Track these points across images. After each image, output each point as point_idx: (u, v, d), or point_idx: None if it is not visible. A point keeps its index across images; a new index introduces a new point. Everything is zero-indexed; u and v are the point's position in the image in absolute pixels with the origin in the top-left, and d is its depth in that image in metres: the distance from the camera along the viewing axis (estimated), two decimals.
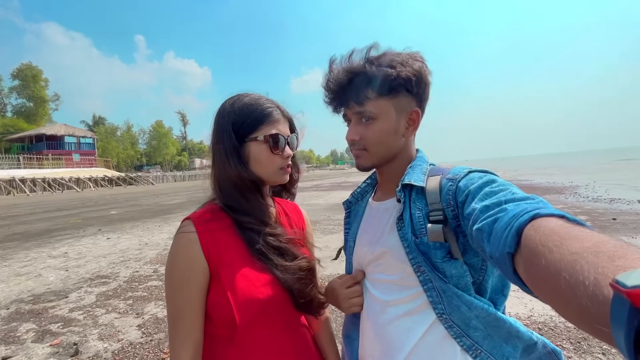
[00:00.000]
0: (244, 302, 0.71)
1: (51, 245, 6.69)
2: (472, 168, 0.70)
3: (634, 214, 7.06)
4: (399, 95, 0.73)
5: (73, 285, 4.28)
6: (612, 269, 0.29)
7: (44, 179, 28.27)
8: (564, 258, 0.35)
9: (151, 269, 4.85)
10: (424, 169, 0.76)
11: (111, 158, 48.31)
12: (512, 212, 0.47)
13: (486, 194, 0.57)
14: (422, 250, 0.69)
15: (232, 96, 0.84)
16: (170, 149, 62.64)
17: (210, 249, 0.74)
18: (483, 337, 0.67)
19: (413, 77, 0.72)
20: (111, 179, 35.42)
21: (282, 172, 0.83)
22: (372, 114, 0.74)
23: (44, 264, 5.32)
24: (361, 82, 0.73)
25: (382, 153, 0.77)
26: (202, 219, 0.78)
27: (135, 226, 8.72)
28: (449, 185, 0.68)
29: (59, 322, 3.23)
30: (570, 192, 11.50)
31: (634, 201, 8.78)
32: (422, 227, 0.69)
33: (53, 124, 44.89)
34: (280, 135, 0.80)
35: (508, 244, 0.44)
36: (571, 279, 0.32)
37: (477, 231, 0.53)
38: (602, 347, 2.39)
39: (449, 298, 0.67)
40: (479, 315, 0.66)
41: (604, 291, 0.28)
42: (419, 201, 0.72)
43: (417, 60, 0.74)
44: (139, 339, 2.85)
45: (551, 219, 0.42)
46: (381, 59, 0.73)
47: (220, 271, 0.73)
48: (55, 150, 38.34)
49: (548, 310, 2.98)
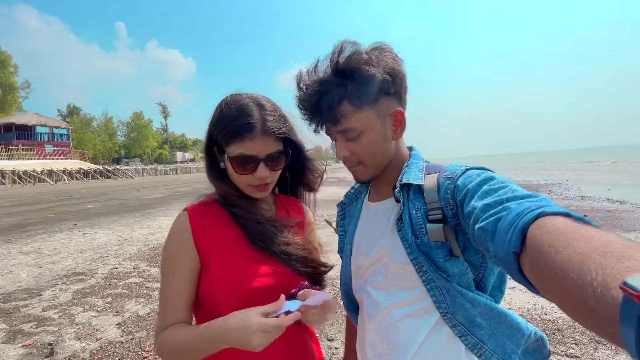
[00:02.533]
0: (230, 292, 0.74)
1: (22, 241, 6.36)
2: (469, 165, 0.68)
3: (604, 211, 7.46)
4: (378, 101, 0.68)
5: (47, 282, 4.10)
6: (621, 271, 0.29)
7: (14, 170, 26.78)
8: (571, 258, 0.34)
9: (131, 265, 4.70)
10: (421, 167, 0.75)
11: (87, 150, 46.37)
12: (515, 210, 0.46)
13: (486, 192, 0.56)
14: (423, 250, 0.68)
15: (226, 96, 0.81)
16: (150, 141, 60.74)
17: (201, 239, 0.78)
18: (488, 336, 0.67)
19: (388, 77, 0.67)
20: (87, 171, 34.02)
21: (254, 190, 0.80)
22: (354, 130, 0.69)
23: (14, 261, 5.05)
24: (332, 99, 0.67)
25: (377, 163, 0.75)
26: (197, 210, 0.82)
27: (114, 221, 8.42)
28: (447, 183, 0.67)
29: (32, 321, 3.09)
30: (546, 190, 12.00)
31: (602, 199, 9.28)
32: (422, 227, 0.68)
33: (23, 112, 42.48)
34: (246, 156, 0.75)
35: (513, 244, 0.43)
36: (579, 280, 0.32)
37: (480, 230, 0.52)
38: (575, 337, 2.52)
39: (452, 297, 0.67)
40: (482, 312, 0.66)
41: (612, 293, 0.28)
42: (417, 200, 0.70)
43: (386, 53, 0.68)
44: (119, 337, 2.77)
45: (556, 217, 0.42)
46: (348, 65, 0.66)
47: (210, 261, 0.76)
48: (26, 140, 36.31)
49: (525, 303, 3.10)
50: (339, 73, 0.67)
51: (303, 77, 0.71)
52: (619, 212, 7.36)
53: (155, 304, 3.42)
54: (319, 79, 0.69)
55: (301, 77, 0.72)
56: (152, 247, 5.72)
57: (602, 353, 2.32)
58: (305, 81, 0.71)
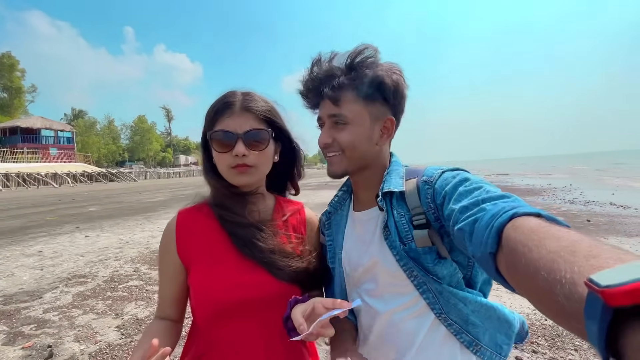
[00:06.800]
0: (199, 301, 0.74)
1: (25, 243, 6.40)
2: (444, 167, 0.71)
3: (607, 216, 7.39)
4: (376, 103, 0.73)
5: (48, 285, 4.12)
6: (587, 268, 0.30)
7: (18, 173, 27.04)
8: (542, 257, 0.36)
9: (132, 268, 4.72)
10: (401, 172, 0.77)
11: (91, 153, 46.70)
12: (490, 211, 0.48)
13: (461, 194, 0.59)
14: (412, 256, 0.70)
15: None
16: (153, 144, 61.16)
17: (184, 244, 0.79)
18: (482, 333, 0.70)
19: (391, 87, 0.72)
20: (91, 174, 34.26)
21: (234, 172, 0.76)
22: (346, 118, 0.73)
23: (17, 263, 5.08)
24: (339, 83, 0.72)
25: (355, 157, 0.75)
26: (187, 214, 0.83)
27: (116, 224, 8.45)
28: (426, 188, 0.69)
29: (32, 323, 3.10)
30: (549, 195, 11.92)
31: (606, 203, 9.19)
32: (408, 233, 0.70)
33: (29, 116, 42.97)
34: (224, 131, 0.74)
35: (490, 244, 0.45)
36: (549, 277, 0.34)
37: (459, 231, 0.54)
38: (575, 343, 2.49)
39: (445, 298, 0.69)
40: (474, 309, 0.69)
41: (579, 289, 0.29)
42: (400, 207, 0.72)
43: (395, 73, 0.74)
44: (118, 340, 2.77)
45: (529, 218, 0.43)
46: (362, 65, 0.73)
47: (191, 266, 0.77)
48: (31, 143, 36.75)
49: (525, 308, 3.08)
50: (353, 67, 0.73)
51: (319, 60, 0.76)
52: (622, 216, 7.30)
53: (154, 306, 3.43)
54: (333, 66, 0.74)
55: (317, 60, 0.76)
56: (153, 250, 5.72)
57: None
58: (319, 64, 0.76)
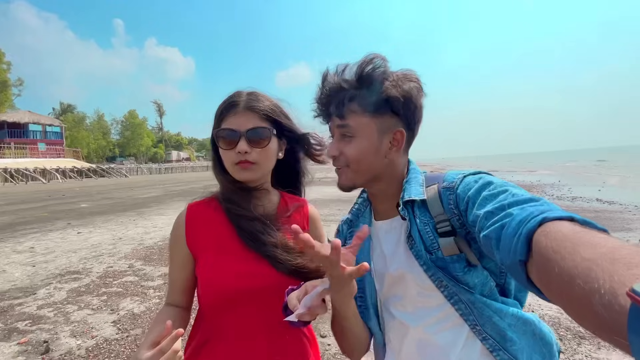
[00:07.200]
0: (208, 291, 0.78)
1: (15, 240, 6.32)
2: (466, 172, 0.68)
3: (593, 212, 7.62)
4: (384, 116, 0.71)
5: (41, 281, 4.10)
6: (629, 278, 0.28)
7: (6, 169, 26.41)
8: (577, 265, 0.34)
9: (126, 264, 4.71)
10: (420, 180, 0.75)
11: (81, 148, 45.83)
12: (518, 217, 0.46)
13: (485, 199, 0.56)
14: (440, 265, 0.67)
15: None
16: (145, 140, 60.23)
17: (193, 235, 0.83)
18: (520, 352, 0.65)
19: (401, 99, 0.69)
20: (81, 170, 33.60)
21: (238, 168, 0.81)
22: (352, 131, 0.72)
23: (8, 260, 5.03)
24: (346, 96, 0.72)
25: (362, 171, 0.74)
26: (196, 206, 0.87)
27: (108, 220, 8.38)
28: (448, 194, 0.67)
29: (26, 319, 3.10)
30: (538, 191, 12.17)
31: (592, 199, 9.45)
32: (434, 242, 0.67)
33: (16, 110, 41.85)
34: (228, 129, 0.80)
35: (519, 252, 0.43)
36: (586, 287, 0.32)
37: (485, 238, 0.52)
38: (559, 333, 2.60)
39: (479, 309, 0.65)
40: (511, 323, 0.65)
41: (620, 300, 0.28)
42: (423, 215, 0.70)
43: (411, 81, 0.71)
44: (115, 335, 2.79)
45: (561, 222, 0.41)
46: (372, 76, 0.70)
47: (199, 257, 0.82)
48: (19, 138, 35.83)
49: None
50: (361, 80, 0.71)
51: (329, 76, 0.75)
52: (608, 212, 7.52)
53: (150, 302, 3.45)
54: (343, 78, 0.73)
55: (327, 74, 0.75)
56: (147, 246, 5.71)
57: (585, 348, 2.40)
58: (329, 79, 0.75)
